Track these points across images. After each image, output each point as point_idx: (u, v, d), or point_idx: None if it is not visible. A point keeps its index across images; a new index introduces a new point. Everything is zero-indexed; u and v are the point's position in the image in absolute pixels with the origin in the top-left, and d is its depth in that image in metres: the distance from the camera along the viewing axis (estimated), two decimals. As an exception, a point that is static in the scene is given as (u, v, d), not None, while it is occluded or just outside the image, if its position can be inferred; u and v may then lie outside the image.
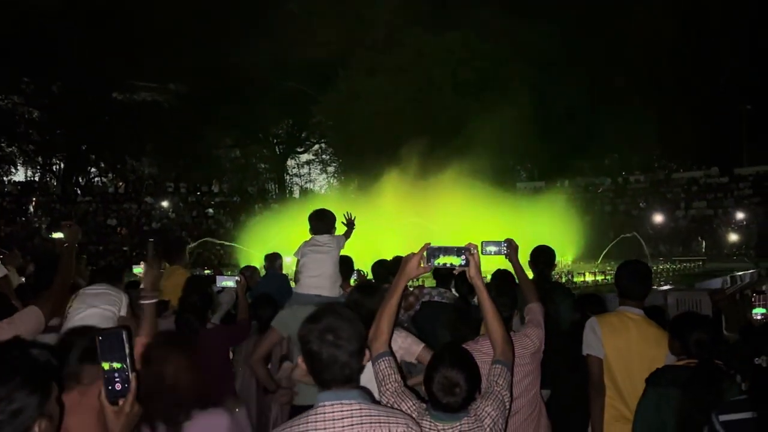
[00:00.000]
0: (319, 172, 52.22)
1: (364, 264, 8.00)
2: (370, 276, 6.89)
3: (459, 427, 2.48)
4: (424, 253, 2.63)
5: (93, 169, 46.53)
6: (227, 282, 4.99)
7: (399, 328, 3.85)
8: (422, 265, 2.64)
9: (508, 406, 2.66)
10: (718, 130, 38.12)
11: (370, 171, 29.94)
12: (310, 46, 39.26)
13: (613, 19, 38.34)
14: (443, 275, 5.49)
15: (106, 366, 1.77)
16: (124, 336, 1.79)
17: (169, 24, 36.76)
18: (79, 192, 38.53)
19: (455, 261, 2.62)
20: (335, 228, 4.91)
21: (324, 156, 51.25)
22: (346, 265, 6.03)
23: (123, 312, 4.35)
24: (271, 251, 8.13)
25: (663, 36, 37.76)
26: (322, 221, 4.73)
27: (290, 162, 52.46)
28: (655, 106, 37.54)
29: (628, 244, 26.03)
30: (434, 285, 5.66)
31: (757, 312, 3.65)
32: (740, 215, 32.09)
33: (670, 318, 4.30)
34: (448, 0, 40.22)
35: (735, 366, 3.20)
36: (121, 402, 1.79)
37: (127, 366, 1.79)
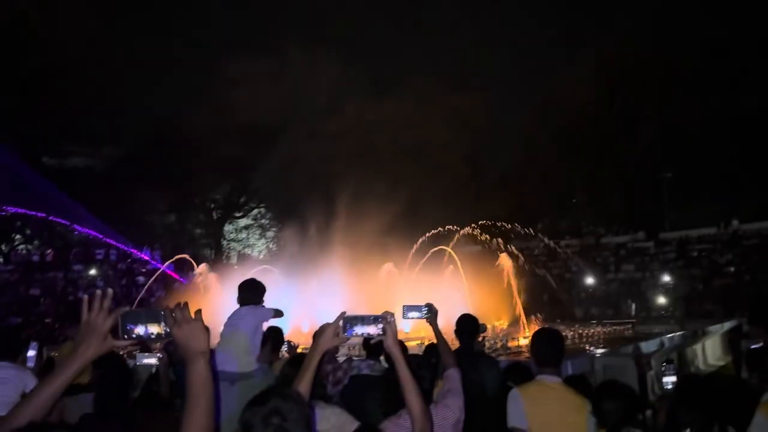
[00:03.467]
0: (258, 237, 51.52)
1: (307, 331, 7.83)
2: (302, 348, 6.75)
3: None
4: (340, 323, 2.56)
5: (17, 236, 44.38)
6: (148, 360, 4.77)
7: (332, 405, 3.74)
8: (339, 336, 2.56)
9: None
10: (641, 197, 40.22)
11: (310, 234, 29.80)
12: (250, 112, 39.55)
13: (541, 88, 40.67)
14: (373, 346, 5.34)
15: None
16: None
17: (105, 87, 36.37)
18: (0, 260, 36.63)
19: (372, 330, 2.56)
20: (263, 300, 4.78)
21: (263, 221, 50.74)
22: (275, 336, 5.89)
23: (31, 385, 4.01)
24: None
25: (587, 104, 40.14)
26: (245, 292, 4.62)
27: (228, 227, 51.60)
28: (582, 173, 39.47)
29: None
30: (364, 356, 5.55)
31: (668, 381, 3.76)
32: (666, 278, 33.32)
33: (595, 385, 4.39)
34: (386, 69, 41.73)
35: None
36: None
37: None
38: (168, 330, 1.89)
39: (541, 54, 47.18)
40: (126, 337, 1.89)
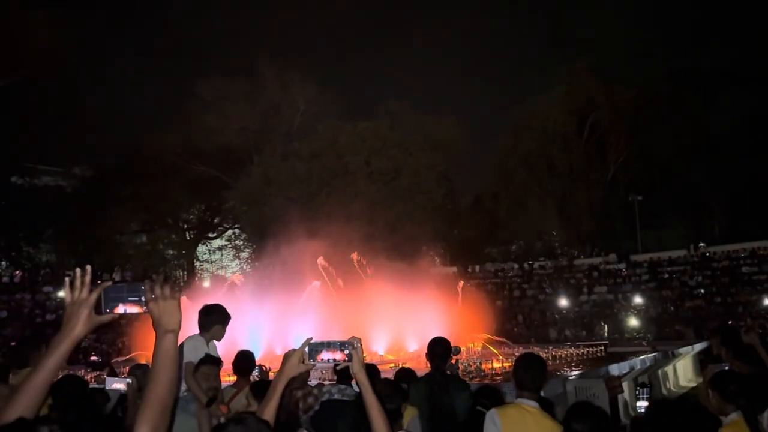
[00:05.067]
0: (232, 257, 50.97)
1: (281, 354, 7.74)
2: (274, 372, 6.65)
3: None
4: (306, 349, 2.54)
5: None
6: (117, 384, 4.63)
7: (304, 431, 3.69)
8: (305, 362, 2.54)
9: None
10: (613, 219, 40.89)
11: (284, 256, 29.61)
12: (224, 132, 39.48)
13: (514, 111, 41.39)
14: (343, 371, 5.27)
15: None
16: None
17: (77, 106, 35.94)
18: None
19: (338, 356, 2.54)
20: (217, 324, 4.74)
21: (237, 241, 50.29)
22: (246, 360, 5.82)
23: None
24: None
25: (559, 128, 40.88)
26: (202, 316, 4.56)
27: (201, 248, 50.97)
28: (554, 196, 40.04)
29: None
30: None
31: (641, 405, 3.76)
32: (638, 300, 33.63)
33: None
34: (360, 91, 42.18)
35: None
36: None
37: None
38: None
39: (513, 79, 48.06)
40: (109, 311, 1.96)
